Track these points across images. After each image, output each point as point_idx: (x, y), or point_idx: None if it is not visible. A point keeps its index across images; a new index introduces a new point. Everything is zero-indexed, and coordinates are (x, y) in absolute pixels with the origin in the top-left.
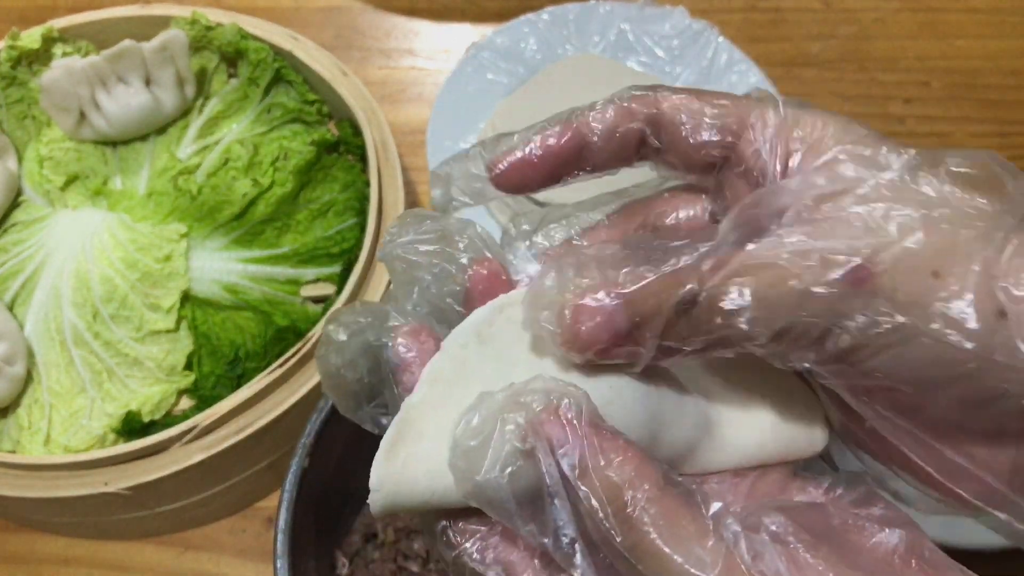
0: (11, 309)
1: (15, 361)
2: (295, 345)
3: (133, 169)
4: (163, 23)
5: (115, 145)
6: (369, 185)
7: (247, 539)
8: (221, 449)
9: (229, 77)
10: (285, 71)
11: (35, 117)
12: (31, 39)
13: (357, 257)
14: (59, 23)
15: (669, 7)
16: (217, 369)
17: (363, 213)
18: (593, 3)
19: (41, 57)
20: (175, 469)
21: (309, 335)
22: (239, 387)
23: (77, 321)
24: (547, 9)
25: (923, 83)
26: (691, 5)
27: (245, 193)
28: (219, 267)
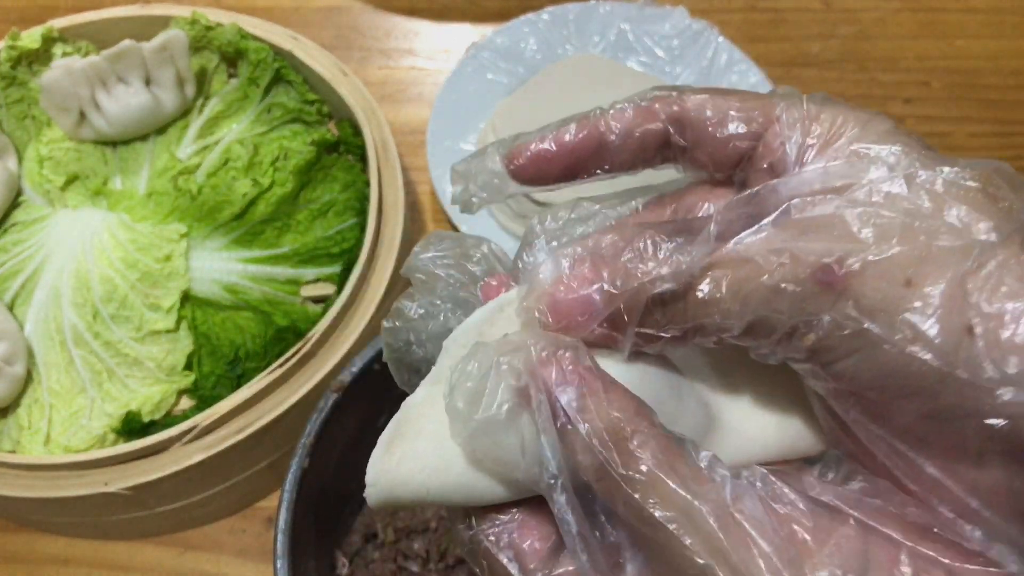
0: (11, 309)
1: (15, 361)
2: (295, 345)
3: (133, 169)
4: (163, 23)
5: (115, 145)
6: (369, 185)
7: (247, 539)
8: (221, 449)
9: (229, 77)
10: (285, 71)
11: (35, 117)
12: (31, 39)
13: (357, 257)
14: (59, 23)
15: (669, 7)
16: (217, 369)
17: (363, 213)
18: (593, 3)
19: (41, 57)
20: (175, 469)
21: (309, 335)
22: (239, 387)
23: (77, 321)
24: (547, 9)
25: (923, 83)
26: (691, 5)
27: (245, 193)
28: (219, 267)
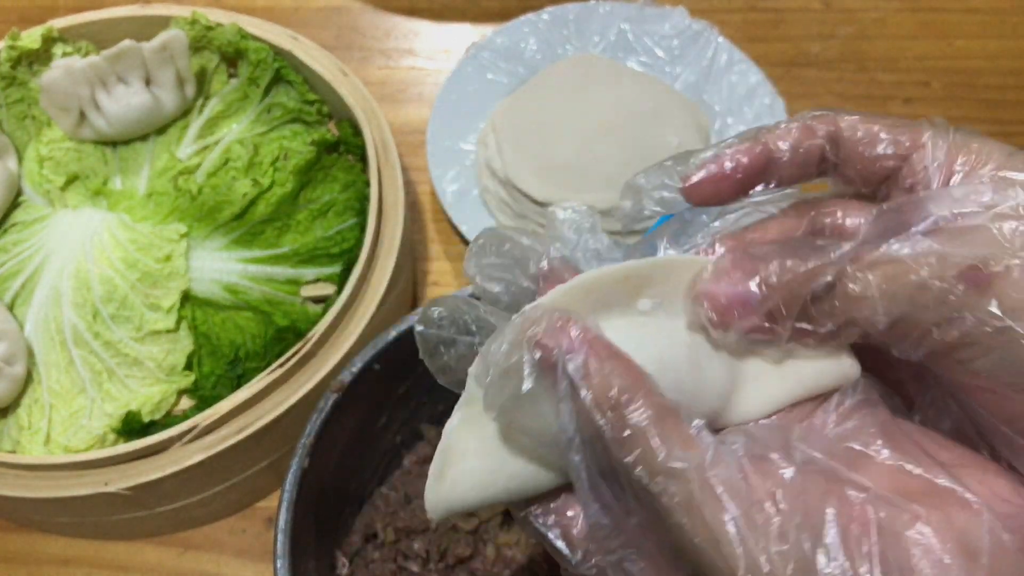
0: (11, 309)
1: (15, 361)
2: (295, 345)
3: (133, 169)
4: (163, 23)
5: (115, 145)
6: (369, 185)
7: (247, 539)
8: (221, 449)
9: (229, 77)
10: (285, 71)
11: (35, 117)
12: (31, 39)
13: (357, 257)
14: (59, 23)
15: (669, 7)
16: (217, 369)
17: (363, 213)
18: (593, 3)
19: (41, 57)
20: (175, 469)
21: (309, 335)
22: (239, 387)
23: (77, 321)
24: (547, 9)
25: (923, 83)
26: (691, 5)
27: (245, 193)
28: (219, 267)
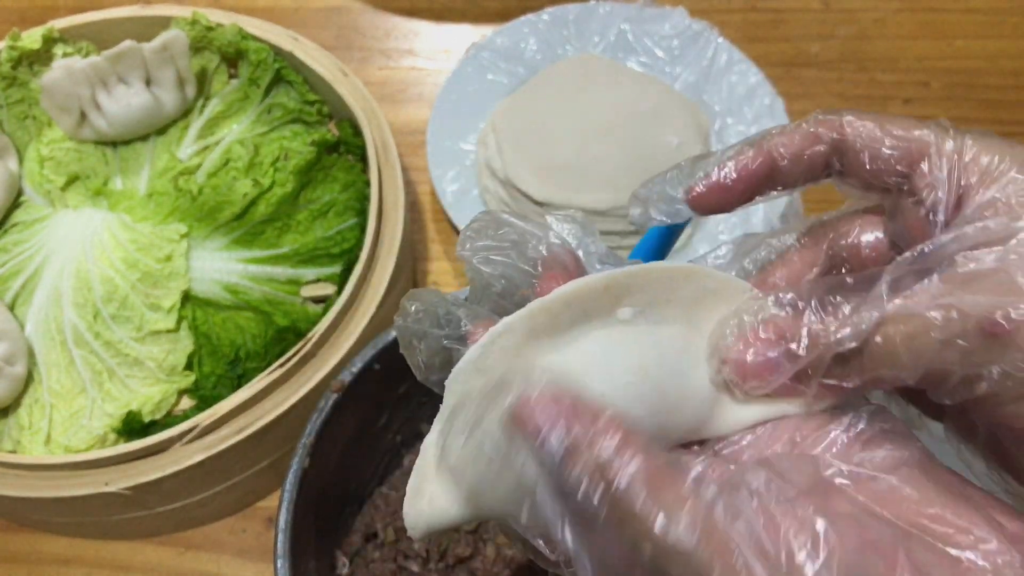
0: (12, 309)
1: (16, 361)
2: (295, 345)
3: (134, 169)
4: (163, 23)
5: (115, 145)
6: (369, 185)
7: (247, 539)
8: (221, 449)
9: (229, 77)
10: (285, 71)
11: (36, 117)
12: (32, 39)
13: (357, 257)
14: (60, 23)
15: (669, 7)
16: (217, 369)
17: (363, 213)
18: (593, 3)
19: (42, 57)
20: (175, 469)
21: (309, 335)
22: (239, 387)
23: (78, 321)
24: (547, 9)
25: (923, 83)
26: (691, 5)
27: (245, 193)
28: (219, 267)
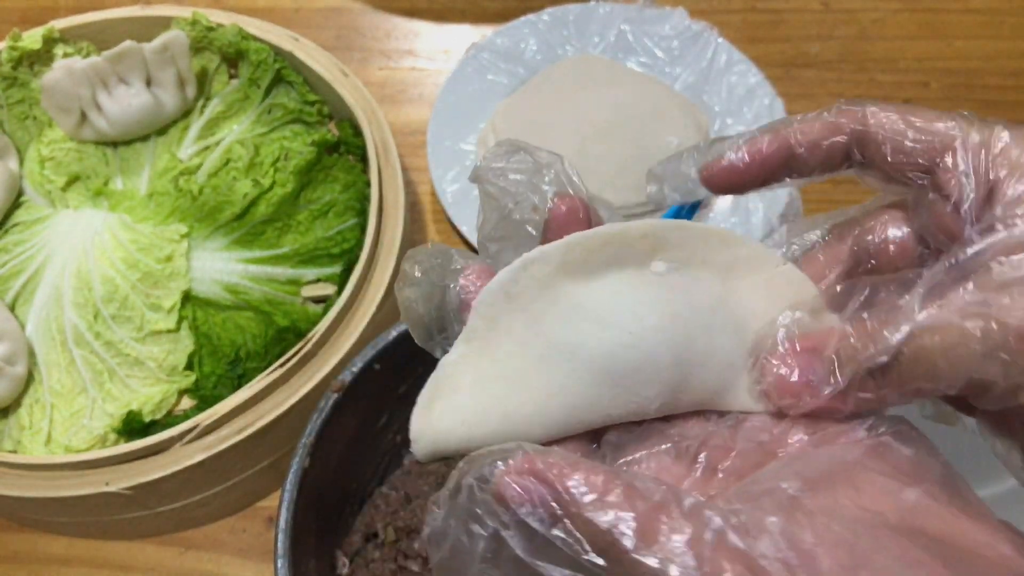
0: (12, 309)
1: (16, 361)
2: (295, 345)
3: (134, 169)
4: (164, 24)
5: (116, 146)
6: (369, 185)
7: (248, 539)
8: (222, 449)
9: (230, 78)
10: (286, 72)
11: (36, 118)
12: (32, 40)
13: (357, 257)
14: (60, 24)
15: (669, 8)
16: (218, 369)
17: (364, 213)
18: (593, 4)
19: (42, 58)
20: (176, 469)
21: (310, 335)
22: (240, 387)
23: (78, 321)
24: (547, 10)
25: (922, 84)
26: (691, 6)
27: (246, 193)
28: (220, 267)
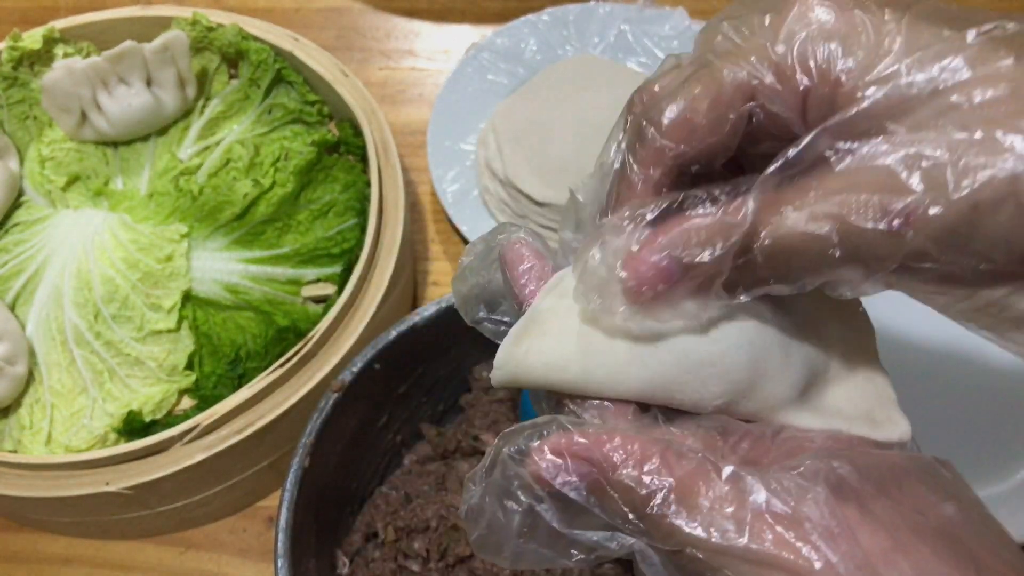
0: (13, 309)
1: (16, 361)
2: (296, 345)
3: (134, 169)
4: (164, 24)
5: (116, 146)
6: (369, 185)
7: (248, 538)
8: (222, 449)
9: (230, 78)
10: (286, 72)
11: (36, 118)
12: (32, 40)
13: (358, 257)
14: (60, 24)
15: (669, 8)
16: (218, 369)
17: (364, 213)
18: (593, 4)
19: (42, 58)
20: (176, 469)
21: (310, 335)
22: (240, 387)
23: (78, 321)
24: (547, 10)
25: None
26: (691, 6)
27: (246, 193)
28: (220, 267)
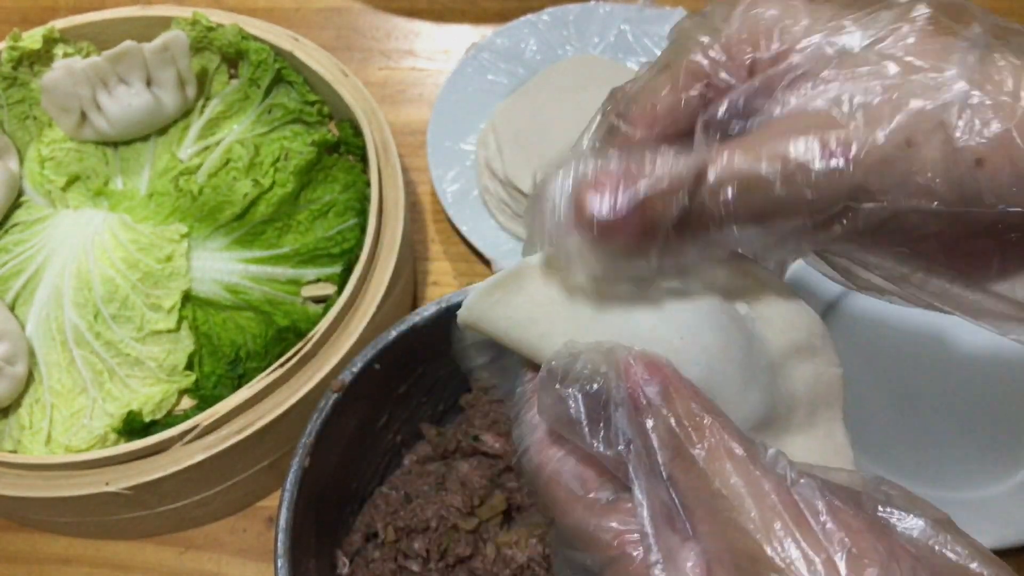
0: (12, 309)
1: (16, 361)
2: (296, 345)
3: (134, 169)
4: (164, 24)
5: (116, 146)
6: (369, 185)
7: (248, 539)
8: (222, 449)
9: (230, 78)
10: (286, 72)
11: (36, 118)
12: (32, 40)
13: (357, 257)
14: (60, 24)
15: (668, 8)
16: (218, 369)
17: (364, 213)
18: (593, 4)
19: (42, 58)
20: (176, 469)
21: (310, 335)
22: (240, 387)
23: (78, 321)
24: (547, 10)
25: None
26: (691, 6)
27: (246, 193)
28: (220, 267)
